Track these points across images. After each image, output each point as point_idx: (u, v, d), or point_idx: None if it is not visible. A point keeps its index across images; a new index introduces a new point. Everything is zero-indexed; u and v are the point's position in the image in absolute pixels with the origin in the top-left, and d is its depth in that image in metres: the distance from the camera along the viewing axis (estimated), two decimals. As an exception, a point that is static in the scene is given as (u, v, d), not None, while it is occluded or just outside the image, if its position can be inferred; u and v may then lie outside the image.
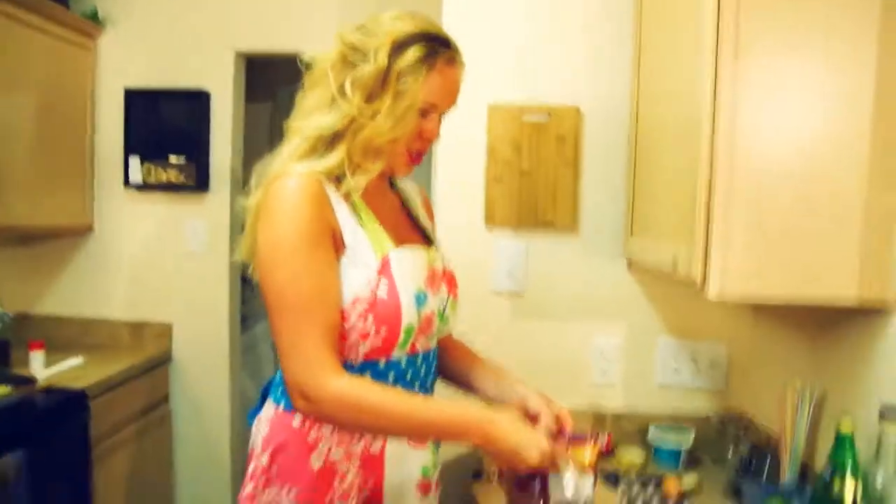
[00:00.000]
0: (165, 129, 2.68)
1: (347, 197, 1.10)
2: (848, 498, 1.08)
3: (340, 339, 1.07)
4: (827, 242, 1.13)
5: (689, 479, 1.51)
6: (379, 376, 1.11)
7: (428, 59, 1.07)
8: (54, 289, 2.82)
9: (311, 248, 1.04)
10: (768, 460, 1.46)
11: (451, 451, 1.70)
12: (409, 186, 1.33)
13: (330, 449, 1.11)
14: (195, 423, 2.83)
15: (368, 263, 1.08)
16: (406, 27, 1.07)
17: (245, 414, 2.91)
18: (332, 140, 1.09)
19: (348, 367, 1.09)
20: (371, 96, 1.06)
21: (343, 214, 1.09)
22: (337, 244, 1.08)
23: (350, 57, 1.08)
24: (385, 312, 1.07)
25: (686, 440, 1.63)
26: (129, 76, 2.69)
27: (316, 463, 1.11)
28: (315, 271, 1.04)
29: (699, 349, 1.75)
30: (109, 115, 2.71)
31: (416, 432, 1.11)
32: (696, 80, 1.18)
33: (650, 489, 1.49)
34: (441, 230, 1.76)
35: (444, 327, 1.22)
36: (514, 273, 1.78)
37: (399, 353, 1.13)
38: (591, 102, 1.73)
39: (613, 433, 1.74)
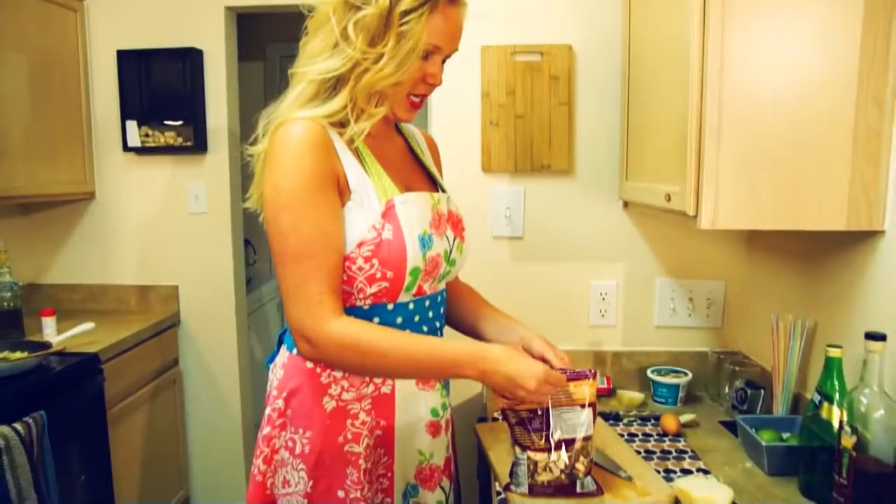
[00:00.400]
0: (160, 91, 2.65)
1: (351, 142, 1.10)
2: (835, 422, 1.10)
3: (347, 282, 1.09)
4: (816, 171, 1.13)
5: (686, 416, 1.54)
6: (387, 319, 1.13)
7: (431, 3, 1.05)
8: (60, 257, 2.84)
9: (314, 193, 1.04)
10: (762, 394, 1.48)
11: (459, 397, 1.74)
12: (415, 132, 1.34)
13: (341, 391, 1.14)
14: (205, 383, 2.88)
15: (373, 208, 1.09)
16: None
17: (253, 373, 2.98)
18: (335, 84, 1.09)
19: (357, 310, 1.11)
20: (374, 39, 1.05)
21: (347, 160, 1.09)
22: (342, 189, 1.08)
23: (351, 0, 1.06)
24: (390, 255, 1.08)
25: (682, 379, 1.65)
26: (120, 37, 2.65)
27: (329, 404, 1.14)
28: (318, 217, 1.05)
29: (696, 288, 1.76)
30: (103, 79, 2.69)
31: (415, 370, 1.13)
32: (684, 20, 1.16)
33: (649, 426, 1.52)
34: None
35: (451, 269, 1.23)
36: (513, 218, 1.78)
37: (406, 296, 1.14)
38: (584, 40, 1.71)
39: (613, 373, 1.78)
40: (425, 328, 1.20)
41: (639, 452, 1.37)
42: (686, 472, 1.29)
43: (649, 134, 1.45)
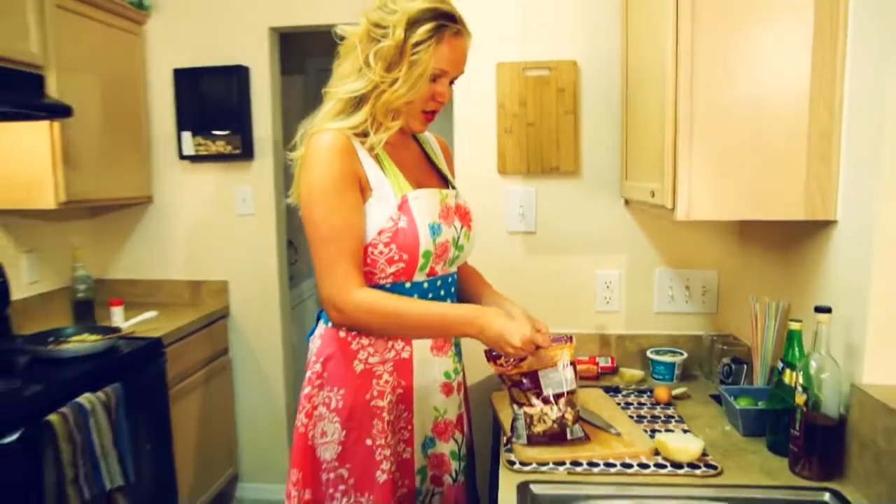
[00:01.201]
0: (212, 104, 2.94)
1: (372, 149, 1.34)
2: (795, 384, 1.28)
3: (371, 264, 1.33)
4: (776, 169, 1.31)
5: (679, 389, 1.73)
6: (405, 295, 1.36)
7: (437, 33, 1.28)
8: (122, 255, 3.14)
9: (340, 191, 1.28)
10: (745, 368, 1.67)
11: (481, 373, 1.96)
12: (429, 137, 1.57)
13: (368, 356, 1.37)
14: (252, 371, 3.14)
15: (390, 202, 1.32)
16: (419, 5, 1.28)
17: (295, 365, 3.22)
18: (358, 102, 1.33)
19: (380, 287, 1.35)
20: (390, 66, 1.29)
21: (368, 163, 1.33)
22: (363, 188, 1.32)
23: (373, 33, 1.30)
24: (405, 241, 1.31)
25: (678, 358, 1.84)
26: (176, 57, 2.95)
27: (358, 367, 1.37)
28: (343, 209, 1.28)
29: (692, 277, 1.95)
30: (161, 94, 2.98)
31: (425, 329, 1.36)
32: (661, 40, 1.36)
33: (644, 397, 1.72)
34: (461, 179, 2.01)
35: (459, 253, 1.45)
36: (526, 215, 1.99)
37: (420, 276, 1.37)
38: (587, 57, 1.92)
39: (617, 354, 1.97)
40: None
41: (632, 417, 1.56)
42: (670, 431, 1.48)
43: (640, 138, 1.65)
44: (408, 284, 1.37)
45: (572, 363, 1.36)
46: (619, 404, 1.65)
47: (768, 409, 1.42)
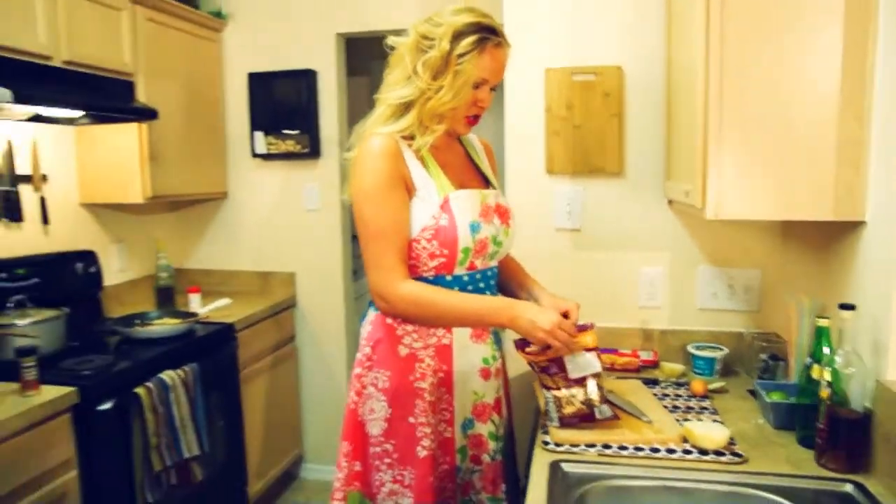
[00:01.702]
0: (282, 105, 3.14)
1: (418, 151, 1.47)
2: (821, 379, 1.34)
3: (415, 258, 1.45)
4: (805, 171, 1.37)
5: (717, 384, 1.79)
6: (446, 287, 1.48)
7: (479, 45, 1.40)
8: (199, 247, 3.39)
9: (387, 191, 1.42)
10: (781, 365, 1.71)
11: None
12: (473, 140, 1.69)
13: (412, 341, 1.50)
14: (317, 359, 3.33)
15: (433, 202, 1.45)
16: (464, 19, 1.41)
17: (356, 352, 3.38)
18: (406, 107, 1.46)
19: (423, 279, 1.47)
20: (436, 74, 1.41)
21: (414, 165, 1.46)
22: (409, 188, 1.45)
23: (421, 44, 1.43)
24: (446, 238, 1.43)
25: (718, 353, 1.89)
26: (250, 62, 3.17)
27: (402, 351, 1.50)
28: (390, 208, 1.42)
29: (735, 276, 1.99)
30: (237, 97, 3.21)
31: (462, 319, 1.47)
32: (692, 45, 1.43)
33: (682, 390, 1.79)
34: (512, 178, 2.12)
35: (498, 249, 1.56)
36: (573, 213, 2.08)
37: (461, 270, 1.49)
38: (631, 62, 1.98)
39: (660, 348, 2.04)
40: None
41: (666, 407, 1.64)
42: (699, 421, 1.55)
43: (678, 140, 1.71)
44: (448, 277, 1.48)
45: (595, 348, 1.45)
46: (655, 395, 1.72)
47: (798, 403, 1.47)
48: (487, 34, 1.40)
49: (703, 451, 1.38)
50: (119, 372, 2.03)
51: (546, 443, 1.45)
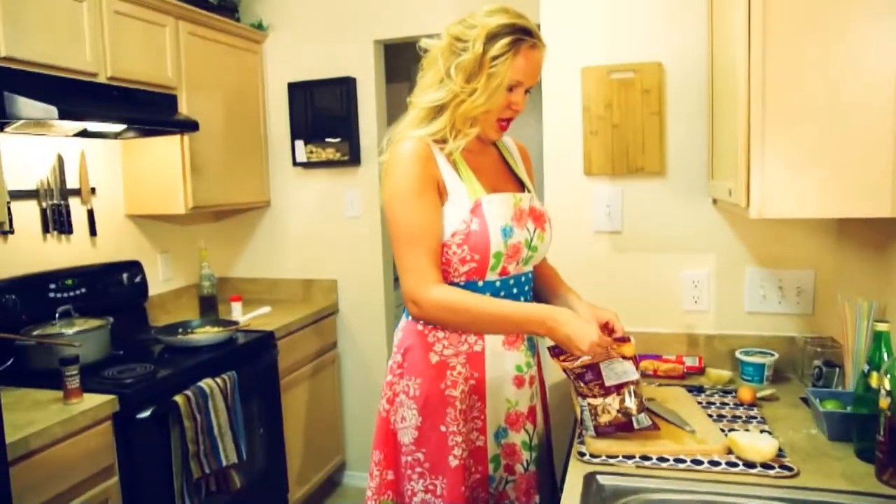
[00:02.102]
0: (322, 114, 3.17)
1: (450, 155, 1.43)
2: (881, 387, 1.24)
3: (446, 263, 1.42)
4: (858, 166, 1.27)
5: (766, 391, 1.69)
6: (478, 292, 1.44)
7: (514, 46, 1.35)
8: (243, 255, 3.44)
9: (418, 194, 1.39)
10: (837, 371, 1.61)
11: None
12: (509, 143, 1.65)
13: (443, 348, 1.46)
14: (359, 365, 3.33)
15: (464, 206, 1.41)
16: (498, 21, 1.36)
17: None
18: (439, 111, 1.42)
19: (454, 285, 1.43)
20: (470, 77, 1.37)
21: (445, 169, 1.42)
22: (441, 192, 1.42)
23: (454, 46, 1.39)
24: (477, 242, 1.39)
25: (768, 359, 1.79)
26: (290, 71, 3.20)
27: (433, 358, 1.46)
28: (422, 211, 1.39)
29: (786, 277, 1.88)
30: (277, 107, 3.25)
31: (496, 327, 1.43)
32: (734, 37, 1.36)
33: (728, 398, 1.70)
34: (549, 181, 2.06)
35: (533, 254, 1.51)
36: (612, 214, 2.01)
37: (492, 275, 1.44)
38: (672, 57, 1.91)
39: (706, 354, 1.95)
40: None
41: (711, 416, 1.55)
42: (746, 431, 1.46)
43: (722, 136, 1.63)
44: (480, 283, 1.44)
45: (633, 357, 1.39)
46: (700, 403, 1.64)
47: (855, 413, 1.37)
48: (522, 35, 1.36)
49: (750, 464, 1.30)
50: (159, 380, 2.05)
51: (582, 454, 1.39)
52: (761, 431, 1.46)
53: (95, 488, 1.84)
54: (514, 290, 1.50)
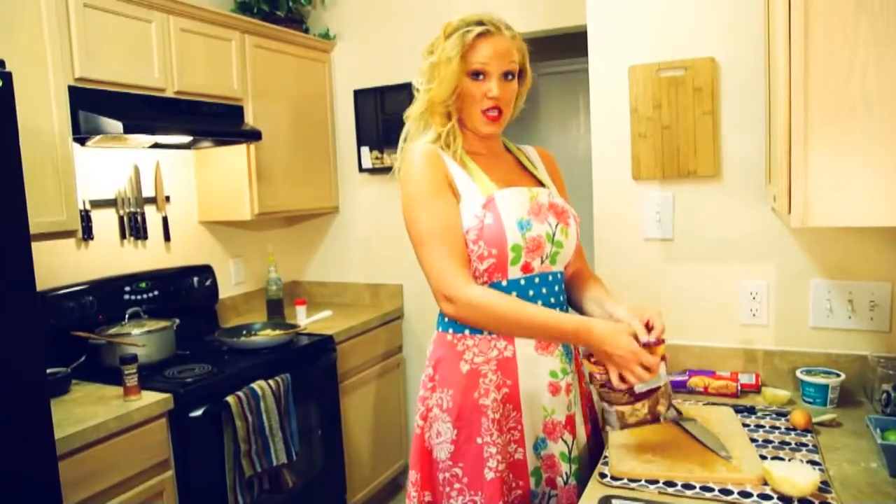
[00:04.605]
0: (386, 120, 3.20)
1: (456, 154, 1.45)
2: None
3: None
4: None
5: (827, 415, 1.54)
6: (502, 292, 1.40)
7: (464, 37, 1.39)
8: (313, 259, 3.54)
9: (432, 195, 1.38)
10: (907, 395, 1.44)
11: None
12: (528, 150, 1.62)
13: (473, 356, 1.43)
14: (423, 368, 3.32)
15: (476, 202, 1.39)
16: (454, 23, 1.43)
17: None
18: (426, 120, 1.46)
19: None
20: (431, 78, 1.43)
21: (455, 170, 1.43)
22: (454, 192, 1.41)
23: (426, 58, 1.46)
24: (491, 236, 1.37)
25: (833, 379, 1.64)
26: (356, 79, 3.26)
27: (464, 367, 1.43)
28: (438, 212, 1.38)
29: (857, 289, 1.71)
30: (344, 114, 3.32)
31: (530, 332, 1.39)
32: (774, 26, 1.24)
33: (781, 421, 1.56)
34: (596, 186, 1.99)
35: (559, 250, 1.46)
36: (663, 221, 1.91)
37: (515, 272, 1.40)
38: (726, 52, 1.78)
39: (765, 371, 1.80)
40: (540, 303, 1.44)
41: (754, 441, 1.43)
42: (781, 460, 1.33)
43: (776, 137, 1.50)
44: (504, 282, 1.40)
45: (663, 358, 1.30)
46: (746, 426, 1.52)
47: (919, 446, 1.22)
48: (473, 26, 1.40)
49: (785, 499, 1.18)
50: (215, 380, 2.14)
51: (603, 475, 1.32)
52: (807, 462, 1.32)
53: (152, 480, 1.94)
54: (544, 290, 1.45)
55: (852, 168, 1.17)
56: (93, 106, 2.10)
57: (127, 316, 2.33)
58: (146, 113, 2.29)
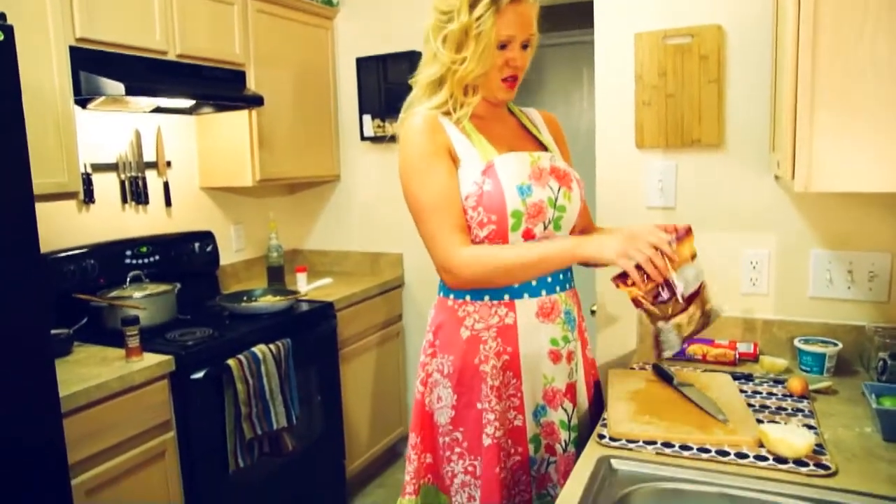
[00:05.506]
0: (388, 88, 3.18)
1: (459, 122, 1.42)
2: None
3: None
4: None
5: (823, 383, 1.56)
6: None
7: (495, 3, 1.33)
8: (314, 228, 3.54)
9: (430, 163, 1.38)
10: (903, 363, 1.45)
11: (612, 353, 1.95)
12: (530, 112, 1.61)
13: (474, 322, 1.44)
14: (422, 337, 3.34)
15: (476, 168, 1.39)
16: None
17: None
18: (438, 84, 1.43)
19: None
20: (459, 46, 1.37)
21: (455, 136, 1.41)
22: (454, 159, 1.40)
23: (440, 20, 1.39)
24: (491, 202, 1.36)
25: (829, 349, 1.65)
26: (358, 47, 3.23)
27: (464, 333, 1.44)
28: (436, 180, 1.37)
29: (857, 260, 1.71)
30: (346, 82, 3.29)
31: (530, 269, 1.37)
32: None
33: (778, 388, 1.57)
34: (599, 154, 1.98)
35: (562, 214, 1.44)
36: (665, 189, 1.90)
37: (515, 238, 1.39)
38: (733, 19, 1.76)
39: (763, 340, 1.82)
40: (549, 278, 1.44)
41: (752, 407, 1.45)
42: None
43: (781, 105, 1.49)
44: None
45: (693, 254, 1.30)
46: (744, 392, 1.53)
47: (914, 411, 1.24)
48: None
49: (781, 459, 1.20)
50: (216, 344, 2.16)
51: (602, 436, 1.33)
52: (803, 426, 1.34)
53: (154, 440, 1.97)
54: None
55: (858, 133, 1.17)
56: (94, 67, 2.09)
57: (128, 279, 2.34)
58: (148, 75, 2.27)
